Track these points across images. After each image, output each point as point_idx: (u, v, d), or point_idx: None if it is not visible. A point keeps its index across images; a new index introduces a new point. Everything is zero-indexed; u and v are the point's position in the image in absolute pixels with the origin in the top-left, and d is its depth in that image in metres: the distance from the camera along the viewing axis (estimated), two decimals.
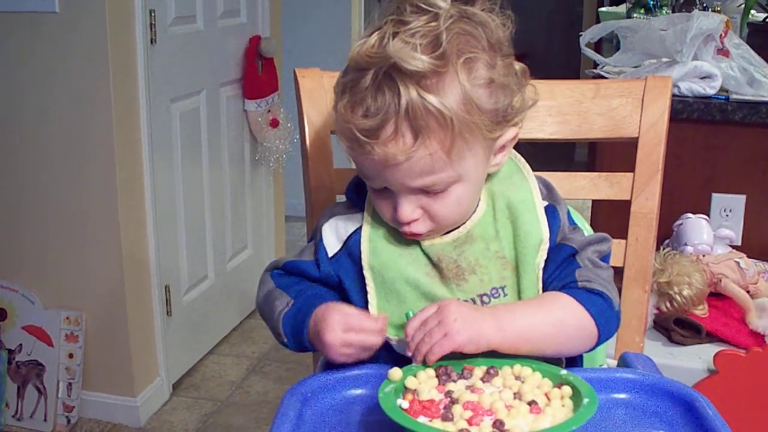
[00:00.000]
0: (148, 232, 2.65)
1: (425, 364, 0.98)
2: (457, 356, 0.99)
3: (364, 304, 1.09)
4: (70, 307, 2.58)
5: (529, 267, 1.07)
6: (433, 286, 1.08)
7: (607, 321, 1.05)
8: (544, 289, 1.08)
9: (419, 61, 0.96)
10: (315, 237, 1.15)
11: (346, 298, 1.11)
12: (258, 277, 1.16)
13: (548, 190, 1.13)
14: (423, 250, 1.09)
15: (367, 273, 1.09)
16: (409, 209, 1.03)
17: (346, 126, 0.99)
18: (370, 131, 0.97)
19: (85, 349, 2.60)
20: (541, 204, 1.10)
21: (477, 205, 1.09)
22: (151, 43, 2.56)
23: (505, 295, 1.08)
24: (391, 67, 0.97)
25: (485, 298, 1.07)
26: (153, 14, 2.55)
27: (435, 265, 1.08)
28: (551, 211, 1.10)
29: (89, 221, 2.52)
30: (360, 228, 1.11)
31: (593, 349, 1.08)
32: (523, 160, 1.15)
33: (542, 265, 1.08)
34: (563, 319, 1.04)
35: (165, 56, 2.66)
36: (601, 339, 1.06)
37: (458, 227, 1.09)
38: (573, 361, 1.11)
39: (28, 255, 2.60)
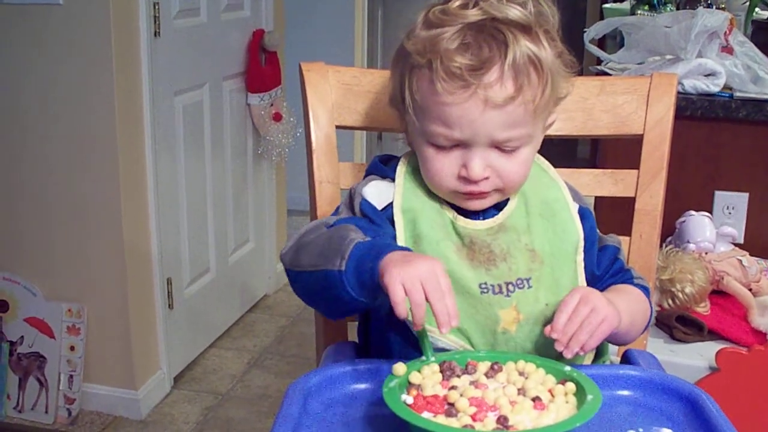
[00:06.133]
0: (151, 225, 2.65)
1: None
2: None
3: None
4: (72, 300, 2.59)
5: (568, 262, 1.12)
6: (460, 267, 1.08)
7: (653, 313, 1.19)
8: (598, 286, 1.14)
9: (521, 13, 1.02)
10: (353, 203, 1.14)
11: None
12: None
13: (576, 193, 1.18)
14: (456, 230, 1.10)
15: (401, 242, 1.09)
16: (481, 166, 1.05)
17: (451, 65, 1.00)
18: (477, 71, 0.99)
19: (87, 341, 2.60)
20: (573, 204, 1.15)
21: (509, 199, 1.13)
22: (155, 35, 2.56)
23: (530, 287, 1.09)
24: (492, 20, 1.01)
25: (510, 287, 1.09)
26: (157, 7, 2.55)
27: (466, 246, 1.09)
28: (586, 214, 1.16)
29: (92, 214, 2.52)
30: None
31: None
32: (546, 162, 1.19)
33: (583, 262, 1.13)
34: (642, 309, 1.15)
35: (168, 49, 2.65)
36: (647, 328, 1.20)
37: (493, 216, 1.11)
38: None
39: (31, 247, 2.60)
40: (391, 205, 1.13)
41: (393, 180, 1.14)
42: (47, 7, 2.38)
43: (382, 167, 1.17)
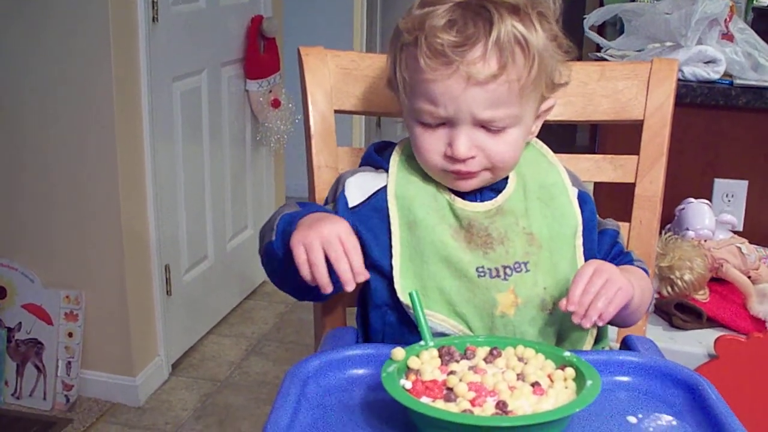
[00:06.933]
0: (149, 211, 2.65)
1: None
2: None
3: (383, 260, 1.09)
4: (70, 286, 2.58)
5: (566, 247, 1.12)
6: (457, 251, 1.08)
7: (653, 296, 1.19)
8: None
9: None
10: (336, 191, 1.15)
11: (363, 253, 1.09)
12: (258, 257, 1.16)
13: (575, 178, 1.18)
14: (454, 212, 1.10)
15: (395, 229, 1.10)
16: (466, 145, 1.05)
17: (435, 41, 1.00)
18: (460, 48, 1.00)
19: (85, 328, 2.60)
20: (572, 188, 1.15)
21: (507, 182, 1.13)
22: (153, 21, 2.55)
23: (527, 270, 1.09)
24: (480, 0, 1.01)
25: (507, 271, 1.09)
26: None
27: (464, 229, 1.09)
28: (585, 198, 1.16)
29: (90, 200, 2.52)
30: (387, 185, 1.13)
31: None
32: (546, 147, 1.19)
33: (582, 246, 1.13)
34: (647, 287, 1.16)
35: (167, 35, 2.64)
36: (648, 310, 1.22)
37: (491, 199, 1.11)
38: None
39: (29, 233, 2.60)
40: (375, 194, 1.13)
41: (386, 170, 1.14)
42: None
43: (377, 157, 1.17)
